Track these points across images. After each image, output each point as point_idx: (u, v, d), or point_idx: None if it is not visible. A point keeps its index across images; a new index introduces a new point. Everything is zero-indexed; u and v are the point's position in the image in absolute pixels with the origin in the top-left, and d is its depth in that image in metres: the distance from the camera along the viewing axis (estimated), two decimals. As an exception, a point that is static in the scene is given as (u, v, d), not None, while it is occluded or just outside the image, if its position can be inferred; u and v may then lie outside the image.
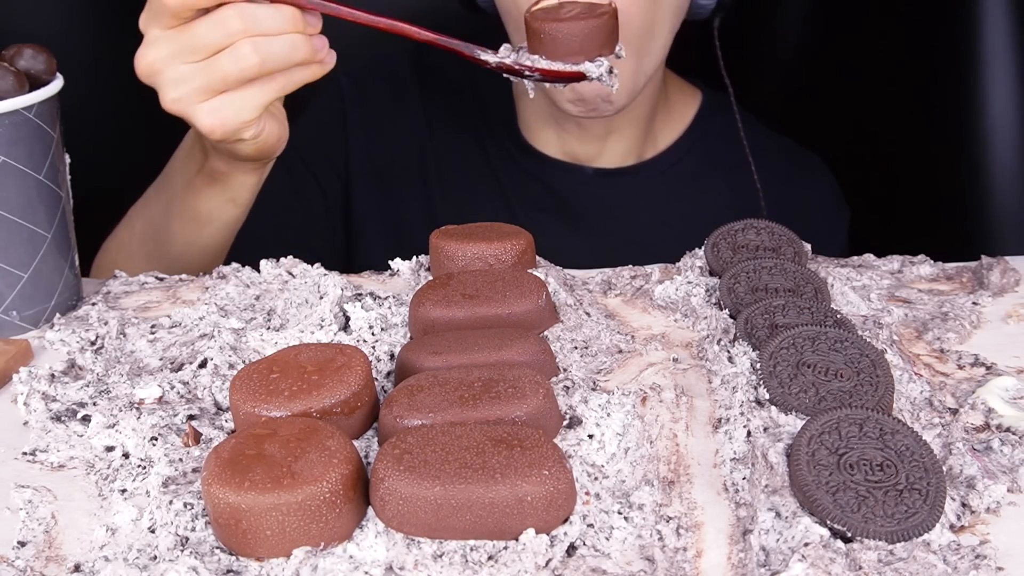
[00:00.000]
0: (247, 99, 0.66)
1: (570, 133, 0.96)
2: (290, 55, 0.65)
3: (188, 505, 0.43)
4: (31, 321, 0.63)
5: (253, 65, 0.64)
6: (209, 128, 0.67)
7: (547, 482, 0.41)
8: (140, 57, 0.66)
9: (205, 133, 0.67)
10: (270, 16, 0.64)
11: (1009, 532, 0.42)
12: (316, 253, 0.80)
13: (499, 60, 0.67)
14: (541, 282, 0.58)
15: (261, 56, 0.64)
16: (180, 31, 0.64)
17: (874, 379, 0.48)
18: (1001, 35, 0.95)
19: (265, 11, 0.64)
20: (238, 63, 0.64)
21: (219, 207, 0.78)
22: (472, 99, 1.01)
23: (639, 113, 0.95)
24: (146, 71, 0.66)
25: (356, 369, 0.48)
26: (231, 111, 0.66)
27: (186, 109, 0.66)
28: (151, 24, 0.66)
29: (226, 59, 0.64)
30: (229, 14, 0.64)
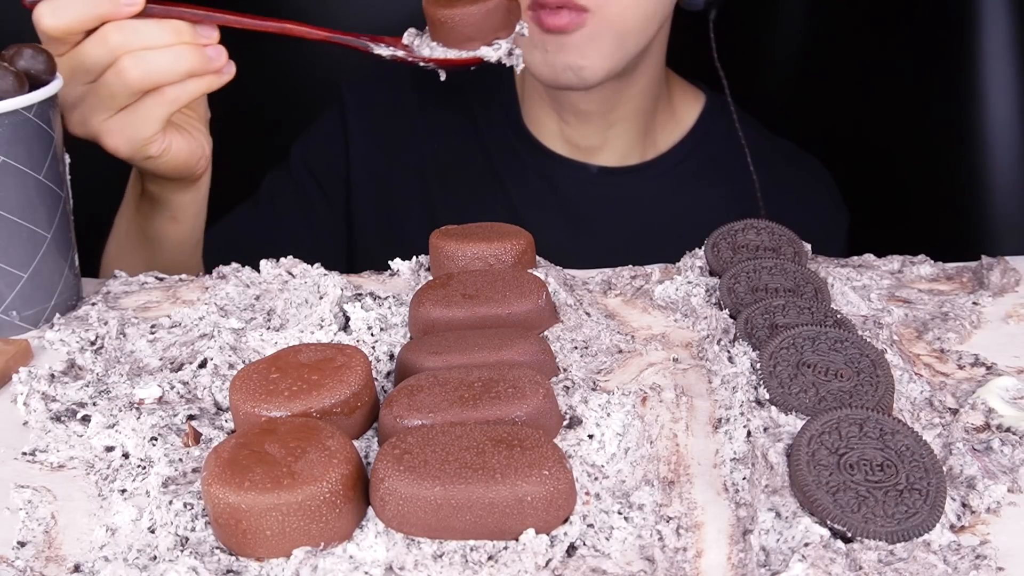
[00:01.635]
0: (143, 114, 0.67)
1: (570, 124, 0.97)
2: (175, 66, 0.66)
3: (188, 505, 0.43)
4: (31, 321, 0.63)
5: (136, 78, 0.65)
6: (114, 147, 0.68)
7: (547, 482, 0.41)
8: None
9: (111, 151, 0.68)
10: (153, 30, 0.65)
11: (1009, 532, 0.42)
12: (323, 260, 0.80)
13: (392, 53, 0.68)
14: (541, 282, 0.58)
15: (142, 69, 0.65)
16: (71, 55, 0.66)
17: (874, 379, 0.48)
18: (1001, 35, 0.95)
19: (147, 25, 0.65)
20: (120, 77, 0.65)
21: (163, 226, 0.79)
22: (474, 97, 1.01)
23: (638, 106, 0.96)
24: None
25: (356, 369, 0.48)
26: (130, 128, 0.67)
27: (89, 130, 0.68)
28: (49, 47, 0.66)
29: (110, 75, 0.65)
30: (109, 30, 0.65)
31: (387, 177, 1.00)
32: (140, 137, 0.68)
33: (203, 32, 0.67)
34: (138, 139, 0.68)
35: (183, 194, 0.77)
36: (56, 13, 0.64)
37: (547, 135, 0.99)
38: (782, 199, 0.95)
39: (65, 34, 0.64)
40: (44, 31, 0.64)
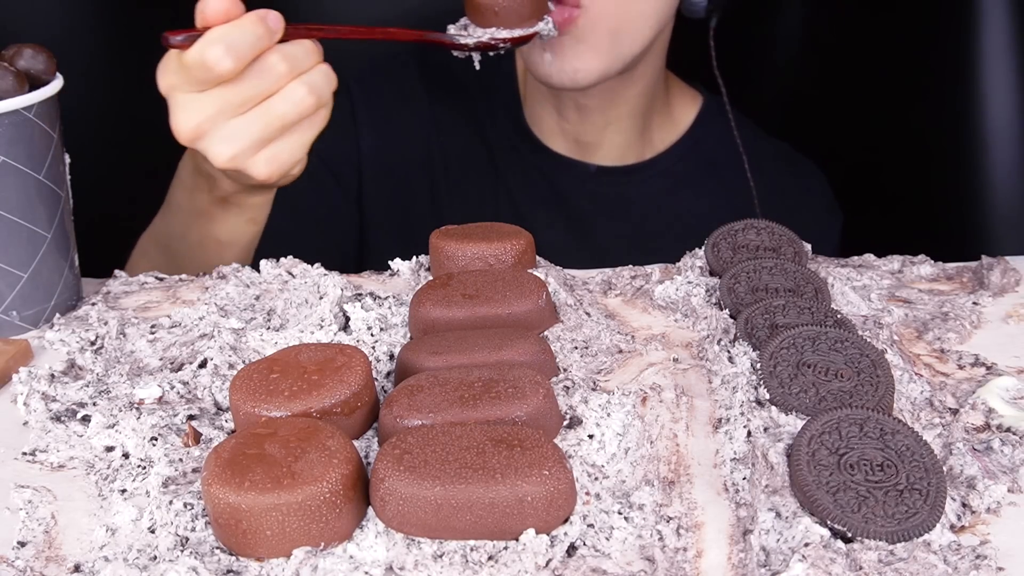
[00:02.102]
0: (299, 139, 0.67)
1: (569, 121, 0.97)
2: (329, 85, 0.66)
3: (188, 505, 0.43)
4: (31, 321, 0.63)
5: (311, 105, 0.65)
6: (266, 176, 0.67)
7: (547, 482, 0.41)
8: (182, 123, 0.65)
9: (261, 181, 0.67)
10: (303, 52, 0.65)
11: (1009, 532, 0.42)
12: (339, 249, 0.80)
13: (476, 40, 0.76)
14: (541, 282, 0.58)
15: (316, 95, 0.65)
16: (223, 88, 0.64)
17: (874, 379, 0.48)
18: (1001, 35, 0.95)
19: (298, 49, 0.65)
20: (298, 107, 0.64)
21: (238, 229, 0.77)
22: (478, 95, 1.01)
23: (636, 106, 0.96)
24: (192, 135, 0.65)
25: (356, 369, 0.48)
26: (286, 155, 0.66)
27: (242, 163, 0.66)
28: (180, 88, 0.64)
29: (283, 105, 0.64)
30: (274, 60, 0.64)
31: (395, 169, 1.01)
32: (293, 161, 0.67)
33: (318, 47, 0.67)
34: (291, 163, 0.67)
35: (266, 195, 0.76)
36: (233, 54, 0.62)
37: (547, 133, 0.99)
38: (776, 200, 0.96)
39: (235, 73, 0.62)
40: (220, 73, 0.62)
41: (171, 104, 0.65)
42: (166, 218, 0.83)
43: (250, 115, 0.64)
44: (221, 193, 0.74)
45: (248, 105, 0.64)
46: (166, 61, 0.65)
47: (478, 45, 0.76)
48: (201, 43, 0.62)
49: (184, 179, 0.79)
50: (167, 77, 0.65)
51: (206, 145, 0.65)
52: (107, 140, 1.10)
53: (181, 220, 0.80)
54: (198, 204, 0.77)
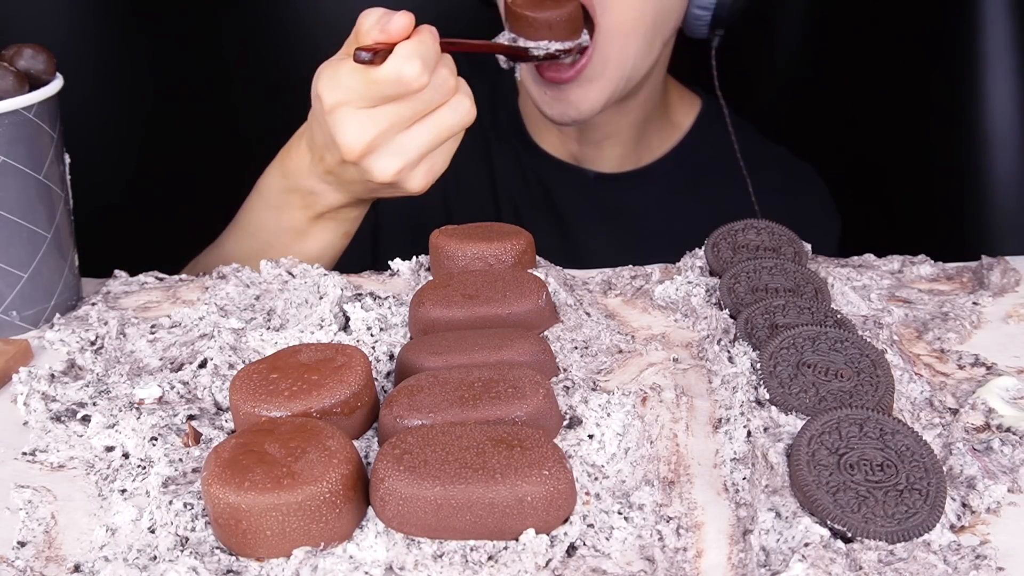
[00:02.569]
0: (452, 147, 0.68)
1: (567, 133, 0.97)
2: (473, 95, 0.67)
3: (188, 505, 0.43)
4: (31, 321, 0.63)
5: (473, 115, 0.66)
6: (422, 187, 0.67)
7: (547, 482, 0.41)
8: (354, 138, 0.64)
9: (417, 192, 0.67)
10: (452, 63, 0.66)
11: (1009, 532, 0.42)
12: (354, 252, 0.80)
13: (545, 50, 0.79)
14: (541, 282, 0.58)
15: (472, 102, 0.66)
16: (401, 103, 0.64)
17: (874, 379, 0.48)
18: (1001, 35, 0.95)
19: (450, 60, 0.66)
20: (464, 116, 0.66)
21: (333, 243, 0.77)
22: (480, 96, 1.01)
23: (634, 118, 0.96)
24: (365, 150, 0.65)
25: (356, 369, 0.48)
26: (440, 164, 0.67)
27: (405, 176, 0.66)
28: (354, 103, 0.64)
29: (452, 117, 0.65)
30: (446, 74, 0.65)
31: None
32: (443, 169, 0.68)
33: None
34: (441, 172, 0.68)
35: (364, 208, 0.76)
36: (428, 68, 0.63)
37: (546, 140, 0.99)
38: (775, 206, 0.96)
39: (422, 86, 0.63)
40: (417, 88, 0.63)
41: (338, 119, 0.65)
42: (240, 240, 0.81)
43: (419, 128, 0.65)
44: (322, 209, 0.73)
45: (418, 118, 0.65)
46: (335, 76, 0.64)
47: (547, 56, 0.79)
48: (397, 60, 0.63)
49: (270, 199, 0.77)
50: (338, 92, 0.64)
51: (373, 160, 0.65)
52: (107, 140, 1.11)
53: (263, 240, 0.78)
54: (289, 223, 0.76)
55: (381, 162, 0.65)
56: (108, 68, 1.14)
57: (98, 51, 1.13)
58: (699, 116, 1.02)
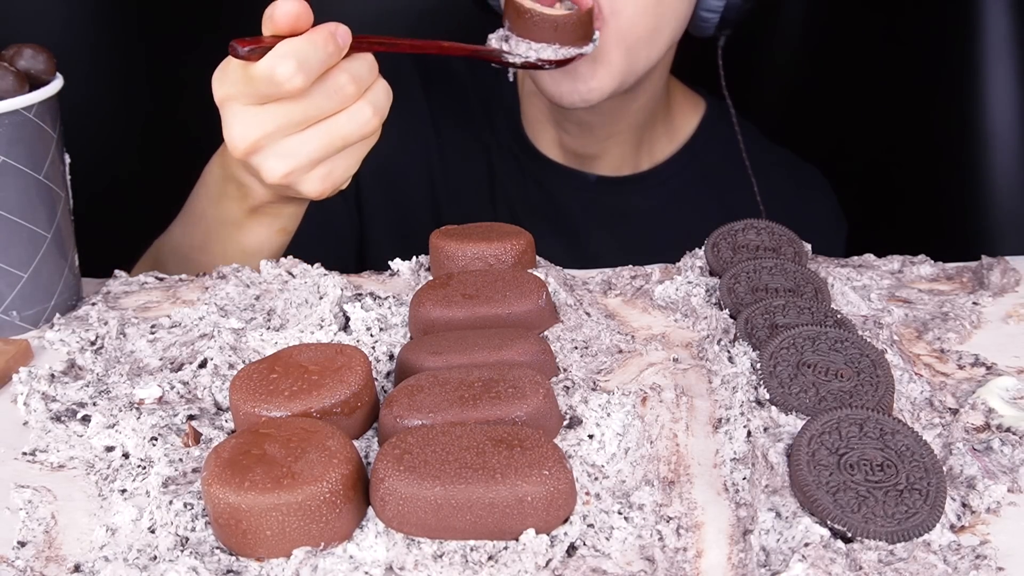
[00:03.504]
0: (355, 155, 0.65)
1: (569, 133, 0.96)
2: (388, 101, 0.65)
3: (188, 505, 0.43)
4: (31, 321, 0.63)
5: (375, 126, 0.64)
6: (319, 192, 0.65)
7: (547, 482, 0.41)
8: (240, 138, 0.63)
9: (313, 197, 0.66)
10: (367, 69, 0.63)
11: (1009, 532, 0.42)
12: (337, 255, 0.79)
13: (524, 60, 0.75)
14: (541, 282, 0.58)
15: (380, 115, 0.64)
16: (286, 104, 0.61)
17: (874, 379, 0.48)
18: (1001, 35, 0.95)
19: (362, 66, 0.63)
20: (363, 128, 0.63)
21: (268, 238, 0.75)
22: (477, 99, 1.01)
23: (636, 119, 0.95)
24: (249, 149, 0.63)
25: (356, 369, 0.48)
26: (340, 171, 0.65)
27: (295, 180, 0.64)
28: (238, 100, 0.62)
29: (349, 125, 0.63)
30: (343, 81, 0.62)
31: (395, 175, 1.00)
32: (346, 177, 0.66)
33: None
34: (342, 180, 0.66)
35: (299, 207, 0.75)
36: (305, 71, 0.60)
37: (545, 143, 0.98)
38: (781, 209, 0.95)
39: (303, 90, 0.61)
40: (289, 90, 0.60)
41: (225, 114, 0.63)
42: (185, 228, 0.80)
43: (310, 133, 0.63)
44: (254, 202, 0.72)
45: (310, 122, 0.62)
46: (224, 69, 0.63)
47: (525, 65, 0.75)
48: (272, 57, 0.60)
49: (210, 187, 0.76)
50: (224, 87, 0.63)
51: (260, 160, 0.63)
52: (107, 140, 1.11)
53: (203, 230, 0.77)
54: (226, 213, 0.75)
55: (268, 163, 0.63)
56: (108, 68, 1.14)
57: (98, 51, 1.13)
58: (703, 118, 1.01)
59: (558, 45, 0.75)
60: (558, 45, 0.75)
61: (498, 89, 0.99)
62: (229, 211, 0.74)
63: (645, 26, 0.83)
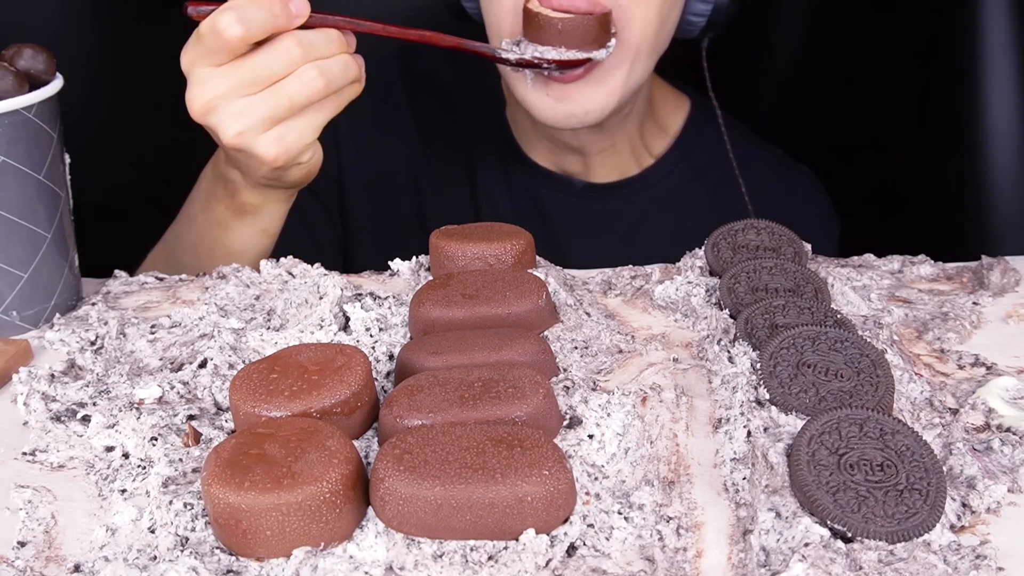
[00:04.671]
0: (308, 122, 0.67)
1: (561, 149, 0.95)
2: (345, 75, 0.67)
3: (188, 505, 0.43)
4: (31, 321, 0.63)
5: (320, 88, 0.66)
6: (273, 156, 0.67)
7: (547, 482, 0.41)
8: (195, 97, 0.66)
9: (269, 162, 0.68)
10: (323, 40, 0.66)
11: (1009, 532, 0.42)
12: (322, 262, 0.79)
13: (519, 56, 0.74)
14: (541, 282, 0.58)
15: (326, 79, 0.66)
16: (236, 65, 0.65)
17: (874, 379, 0.48)
18: (1001, 35, 0.95)
19: (318, 36, 0.66)
20: (307, 88, 0.65)
21: (251, 239, 0.78)
22: (465, 105, 1.00)
23: (628, 128, 0.94)
24: (203, 110, 0.66)
25: (356, 369, 0.48)
26: (294, 136, 0.67)
27: (249, 141, 0.67)
28: (198, 63, 0.66)
29: (293, 85, 0.65)
30: (289, 43, 0.65)
31: (379, 181, 1.00)
32: (301, 144, 0.68)
33: (349, 40, 0.68)
34: (299, 146, 0.68)
35: (283, 204, 0.77)
36: (244, 22, 0.63)
37: (536, 151, 0.97)
38: (771, 207, 0.94)
39: (245, 43, 0.64)
40: (228, 39, 0.63)
41: (189, 80, 0.67)
42: (178, 231, 0.83)
43: (260, 94, 0.66)
44: (241, 201, 0.75)
45: (260, 85, 0.65)
46: (193, 37, 0.67)
47: (520, 62, 0.75)
48: (215, 12, 0.64)
49: (203, 188, 0.80)
50: (188, 53, 0.66)
51: (216, 121, 0.66)
52: (107, 140, 1.10)
53: (195, 231, 0.80)
54: (214, 214, 0.78)
55: (224, 123, 0.66)
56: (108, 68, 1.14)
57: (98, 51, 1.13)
58: (688, 118, 0.99)
59: (564, 48, 0.75)
60: (564, 48, 0.75)
61: (486, 95, 0.98)
62: (216, 212, 0.78)
63: (650, 38, 0.82)
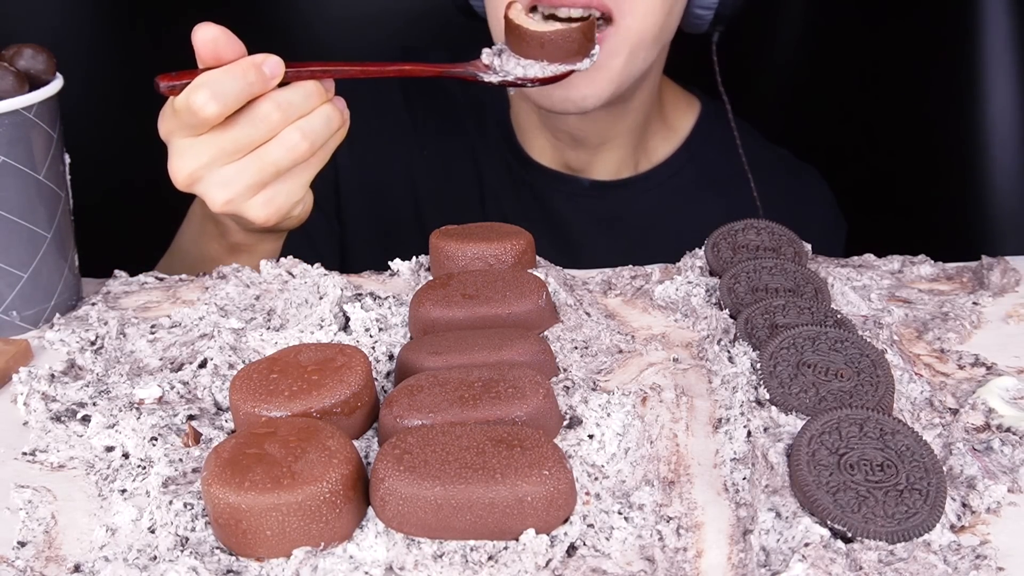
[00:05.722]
0: (295, 182, 0.67)
1: (563, 141, 0.95)
2: (328, 127, 0.66)
3: (188, 505, 0.43)
4: (31, 321, 0.63)
5: (305, 150, 0.65)
6: (264, 219, 0.67)
7: (547, 482, 0.41)
8: (178, 169, 0.65)
9: (259, 224, 0.67)
10: (301, 96, 0.65)
11: (1009, 532, 0.42)
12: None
13: (501, 79, 0.73)
14: (541, 282, 0.58)
15: (310, 140, 0.65)
16: (216, 135, 0.64)
17: (874, 379, 0.48)
18: (1001, 35, 0.95)
19: (295, 93, 0.65)
20: (291, 152, 0.65)
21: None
22: (466, 106, 1.00)
23: (632, 123, 0.94)
24: (187, 180, 0.66)
25: (356, 369, 0.48)
26: (283, 198, 0.67)
27: (238, 207, 0.66)
28: (176, 134, 0.65)
29: (276, 150, 0.65)
30: (267, 108, 0.64)
31: (377, 184, 0.99)
32: (290, 203, 0.67)
33: (326, 85, 0.67)
34: (287, 206, 0.67)
35: (276, 242, 0.76)
36: (219, 99, 0.62)
37: (538, 150, 0.97)
38: (780, 210, 0.94)
39: (223, 117, 0.63)
40: (205, 119, 0.62)
41: (169, 149, 0.66)
42: (171, 263, 0.83)
43: (244, 161, 0.65)
44: (232, 240, 0.74)
45: (242, 151, 0.64)
46: (166, 106, 0.66)
47: (503, 84, 0.73)
48: (188, 88, 0.62)
49: (193, 225, 0.80)
50: (166, 122, 0.66)
51: (203, 190, 0.66)
52: (107, 140, 1.11)
53: (188, 265, 0.80)
54: (206, 251, 0.78)
55: (210, 192, 0.66)
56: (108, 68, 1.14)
57: (98, 51, 1.13)
58: (699, 119, 0.99)
59: (546, 62, 0.72)
60: (546, 62, 0.72)
61: (487, 96, 0.98)
62: (209, 248, 0.78)
63: (653, 26, 0.82)
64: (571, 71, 0.73)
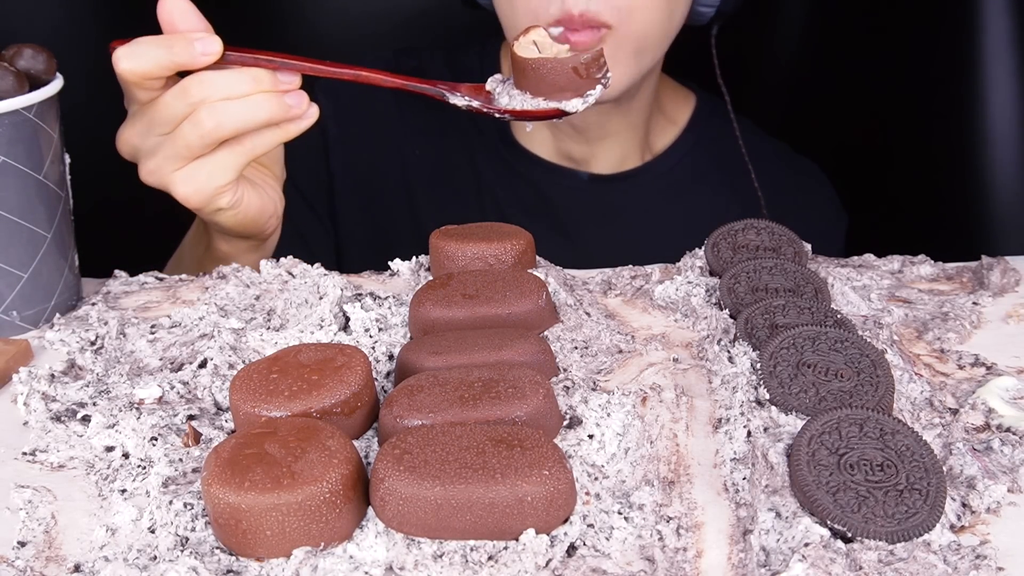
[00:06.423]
0: (218, 163, 0.67)
1: (564, 133, 0.95)
2: (251, 116, 0.65)
3: (188, 505, 0.43)
4: (31, 321, 0.63)
5: (210, 129, 0.65)
6: (184, 195, 0.68)
7: (547, 482, 0.41)
8: (119, 136, 0.69)
9: (181, 200, 0.68)
10: (232, 80, 0.65)
11: (1009, 532, 0.42)
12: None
13: (467, 104, 0.68)
14: (541, 282, 0.58)
15: (216, 120, 0.65)
16: (150, 106, 0.66)
17: (874, 379, 0.48)
18: (1001, 35, 0.95)
19: (225, 76, 0.65)
20: (196, 129, 0.65)
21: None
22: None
23: (635, 119, 0.94)
24: (125, 148, 0.69)
25: (356, 369, 0.48)
26: (203, 176, 0.67)
27: (161, 179, 0.68)
28: (128, 103, 0.68)
29: (186, 126, 0.65)
30: (189, 83, 0.65)
31: (371, 184, 0.99)
32: (212, 186, 0.67)
33: (283, 78, 0.66)
34: (210, 189, 0.67)
35: (252, 254, 0.77)
36: (133, 58, 0.63)
37: (537, 144, 0.97)
38: (779, 201, 0.94)
39: (141, 79, 0.64)
40: (120, 75, 0.64)
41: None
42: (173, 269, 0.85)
43: (169, 136, 0.66)
44: (215, 249, 0.77)
45: (169, 125, 0.66)
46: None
47: (469, 109, 0.68)
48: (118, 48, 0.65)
49: (190, 235, 0.82)
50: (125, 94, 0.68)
51: (136, 159, 0.69)
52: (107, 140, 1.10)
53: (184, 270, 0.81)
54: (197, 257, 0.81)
55: (141, 163, 0.68)
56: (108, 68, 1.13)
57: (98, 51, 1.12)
58: (694, 112, 1.00)
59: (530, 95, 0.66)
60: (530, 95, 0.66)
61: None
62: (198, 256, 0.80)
63: (658, 26, 0.82)
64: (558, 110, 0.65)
